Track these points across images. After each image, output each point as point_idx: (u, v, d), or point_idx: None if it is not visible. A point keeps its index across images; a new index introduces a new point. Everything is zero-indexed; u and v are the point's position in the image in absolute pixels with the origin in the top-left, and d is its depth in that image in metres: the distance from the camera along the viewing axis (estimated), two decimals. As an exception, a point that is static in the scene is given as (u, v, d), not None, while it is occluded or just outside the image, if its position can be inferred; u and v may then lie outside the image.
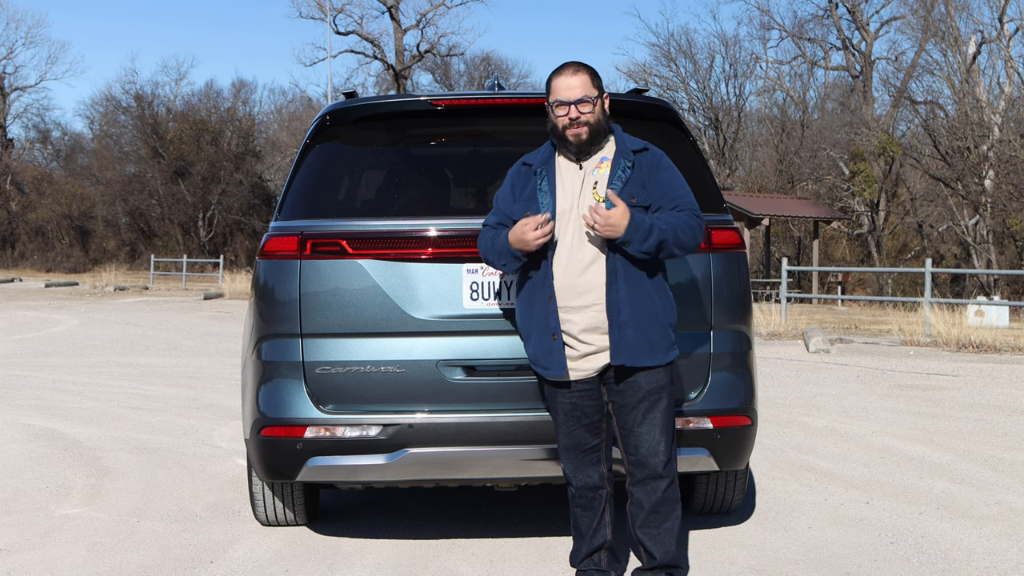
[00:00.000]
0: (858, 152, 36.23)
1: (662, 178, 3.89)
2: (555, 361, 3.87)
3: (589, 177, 3.89)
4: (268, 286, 4.37)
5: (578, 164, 3.92)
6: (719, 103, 45.02)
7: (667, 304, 3.91)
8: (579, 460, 3.98)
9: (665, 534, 3.93)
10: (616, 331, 3.81)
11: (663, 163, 3.94)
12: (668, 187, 3.88)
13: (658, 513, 3.92)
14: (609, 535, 4.03)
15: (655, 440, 3.88)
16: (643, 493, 3.92)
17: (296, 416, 4.25)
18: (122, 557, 4.67)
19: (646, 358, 3.83)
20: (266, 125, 55.18)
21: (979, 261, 33.15)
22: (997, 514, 5.41)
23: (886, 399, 9.62)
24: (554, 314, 3.85)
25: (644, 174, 3.88)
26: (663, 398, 3.90)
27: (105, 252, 51.87)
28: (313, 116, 18.97)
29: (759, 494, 5.79)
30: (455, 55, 50.94)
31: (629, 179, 3.85)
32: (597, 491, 4.00)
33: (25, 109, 60.90)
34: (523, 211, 3.90)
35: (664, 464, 3.89)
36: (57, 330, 17.63)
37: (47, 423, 8.11)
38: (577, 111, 3.85)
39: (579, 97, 3.85)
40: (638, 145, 3.94)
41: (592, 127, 3.87)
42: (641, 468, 3.91)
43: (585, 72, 3.90)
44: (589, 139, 3.88)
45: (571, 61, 3.96)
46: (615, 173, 3.85)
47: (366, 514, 5.37)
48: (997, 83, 36.30)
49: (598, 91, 3.90)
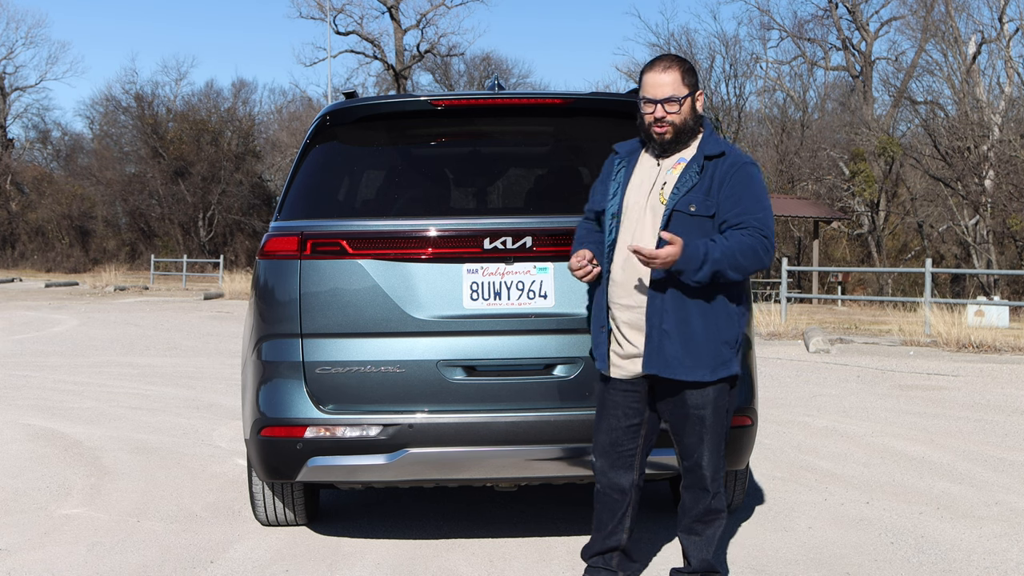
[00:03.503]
0: (858, 152, 36.22)
1: (734, 188, 3.73)
2: (600, 353, 3.89)
3: (662, 176, 3.82)
4: (268, 286, 4.37)
5: (657, 162, 3.87)
6: (719, 103, 45.00)
7: (725, 319, 3.78)
8: (611, 460, 3.94)
9: (704, 542, 3.92)
10: (655, 339, 3.74)
11: (740, 172, 3.76)
12: (737, 199, 3.72)
13: (700, 521, 3.91)
14: (625, 539, 4.01)
15: (699, 454, 3.85)
16: (689, 499, 3.92)
17: (296, 416, 4.26)
18: (122, 557, 4.67)
19: (683, 371, 3.74)
20: (266, 125, 55.15)
21: (979, 261, 33.13)
22: (997, 514, 5.41)
23: (886, 399, 9.62)
24: (606, 307, 3.85)
25: (713, 181, 3.75)
26: (707, 416, 3.81)
27: (105, 252, 51.87)
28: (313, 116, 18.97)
29: (759, 494, 5.79)
30: (455, 55, 50.96)
31: (694, 186, 3.74)
32: (623, 494, 3.96)
33: (25, 109, 60.85)
34: (602, 200, 3.91)
35: (709, 479, 3.86)
36: (57, 330, 17.62)
37: (47, 423, 8.11)
38: (663, 110, 3.77)
39: (667, 96, 3.76)
40: (714, 150, 3.79)
41: (677, 127, 3.79)
42: (689, 475, 3.90)
43: (677, 69, 3.79)
44: (673, 138, 3.81)
45: (665, 55, 3.90)
46: (683, 177, 3.76)
47: (366, 514, 5.37)
48: (997, 83, 36.31)
49: (689, 89, 3.79)
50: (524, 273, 4.26)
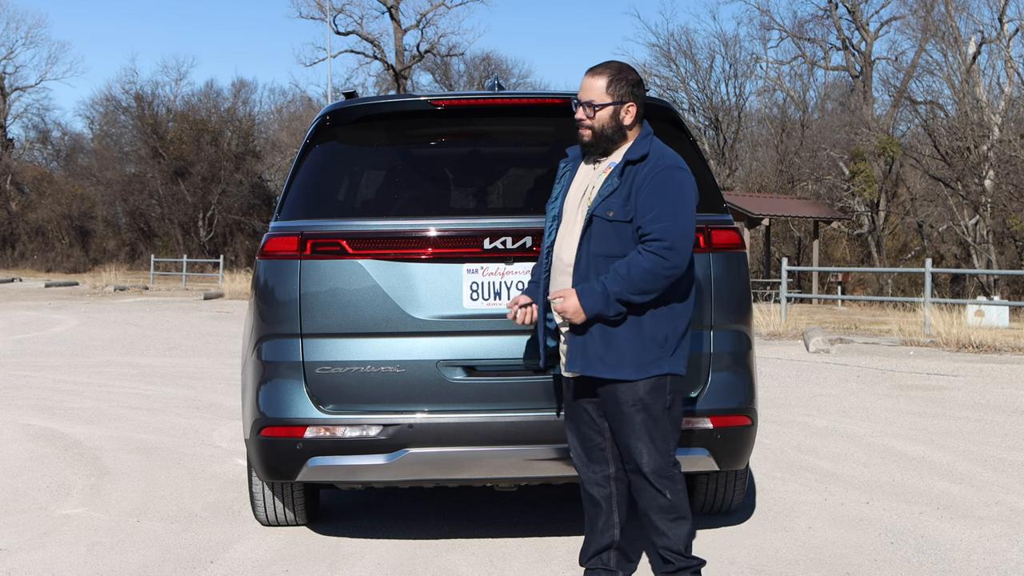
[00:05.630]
0: (858, 152, 36.22)
1: (649, 195, 3.69)
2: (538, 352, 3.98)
3: (593, 180, 3.86)
4: (268, 286, 4.37)
5: (594, 166, 3.89)
6: (719, 103, 45.01)
7: (651, 318, 3.72)
8: (584, 456, 3.97)
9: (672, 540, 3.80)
10: (579, 340, 3.76)
11: (659, 176, 3.72)
12: (651, 205, 3.68)
13: (663, 520, 3.80)
14: (617, 535, 3.99)
15: (637, 453, 3.77)
16: (643, 501, 3.85)
17: (296, 416, 4.26)
18: (122, 557, 4.67)
19: (605, 370, 3.73)
20: (266, 125, 55.16)
21: (979, 261, 33.13)
22: (997, 514, 5.42)
23: (886, 399, 9.62)
24: (545, 307, 3.93)
25: (633, 186, 3.73)
26: (639, 415, 3.74)
27: (105, 252, 51.87)
28: (313, 116, 18.97)
29: (759, 494, 5.79)
30: (455, 55, 50.95)
31: (614, 191, 3.75)
32: (602, 489, 3.97)
33: (25, 109, 60.92)
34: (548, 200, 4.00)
35: (652, 478, 3.76)
36: (57, 330, 17.63)
37: (47, 423, 8.11)
38: (582, 112, 3.84)
39: (587, 100, 3.83)
40: (636, 155, 3.77)
41: (595, 132, 3.83)
42: (634, 476, 3.85)
43: (606, 76, 3.82)
44: (591, 142, 3.85)
45: (606, 61, 3.91)
46: (605, 183, 3.80)
47: (366, 514, 5.37)
48: (997, 83, 36.32)
49: (613, 98, 3.80)
50: (524, 273, 4.26)
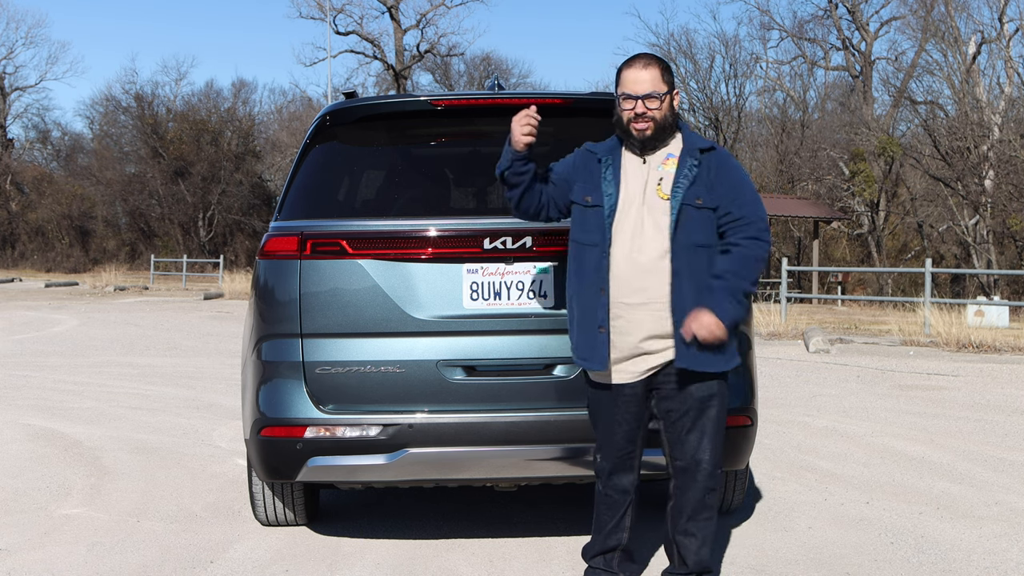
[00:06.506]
0: (858, 152, 36.22)
1: (731, 181, 3.78)
2: (597, 355, 3.80)
3: (654, 173, 3.81)
4: (268, 286, 4.37)
5: (642, 158, 3.85)
6: (719, 103, 45.00)
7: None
8: (615, 464, 3.94)
9: (700, 542, 3.90)
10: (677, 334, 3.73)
11: (729, 164, 3.83)
12: (736, 193, 3.76)
13: (695, 520, 3.88)
14: (625, 539, 4.00)
15: (702, 448, 3.83)
16: (684, 499, 3.88)
17: (296, 416, 4.26)
18: (122, 557, 4.67)
19: (711, 363, 3.75)
20: (266, 125, 55.14)
21: (979, 261, 33.13)
22: (997, 514, 5.41)
23: (886, 399, 9.62)
24: (604, 307, 3.77)
25: (711, 175, 3.77)
26: (712, 406, 3.83)
27: (105, 252, 51.86)
28: (313, 116, 18.97)
29: (759, 494, 5.79)
30: (455, 55, 50.94)
31: (695, 179, 3.76)
32: (624, 495, 3.97)
33: (25, 109, 60.99)
34: (584, 193, 3.87)
35: (708, 474, 3.85)
36: (57, 330, 17.62)
37: (47, 423, 8.11)
38: (644, 106, 3.77)
39: (647, 92, 3.77)
40: (705, 144, 3.84)
41: (658, 123, 3.79)
42: (684, 474, 3.87)
43: (656, 67, 3.81)
44: (654, 135, 3.80)
45: (643, 53, 3.89)
46: (681, 172, 3.77)
47: (366, 514, 5.37)
48: (997, 83, 36.31)
49: (668, 87, 3.81)
50: (524, 273, 4.26)
